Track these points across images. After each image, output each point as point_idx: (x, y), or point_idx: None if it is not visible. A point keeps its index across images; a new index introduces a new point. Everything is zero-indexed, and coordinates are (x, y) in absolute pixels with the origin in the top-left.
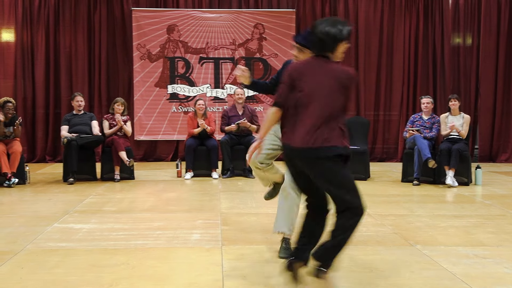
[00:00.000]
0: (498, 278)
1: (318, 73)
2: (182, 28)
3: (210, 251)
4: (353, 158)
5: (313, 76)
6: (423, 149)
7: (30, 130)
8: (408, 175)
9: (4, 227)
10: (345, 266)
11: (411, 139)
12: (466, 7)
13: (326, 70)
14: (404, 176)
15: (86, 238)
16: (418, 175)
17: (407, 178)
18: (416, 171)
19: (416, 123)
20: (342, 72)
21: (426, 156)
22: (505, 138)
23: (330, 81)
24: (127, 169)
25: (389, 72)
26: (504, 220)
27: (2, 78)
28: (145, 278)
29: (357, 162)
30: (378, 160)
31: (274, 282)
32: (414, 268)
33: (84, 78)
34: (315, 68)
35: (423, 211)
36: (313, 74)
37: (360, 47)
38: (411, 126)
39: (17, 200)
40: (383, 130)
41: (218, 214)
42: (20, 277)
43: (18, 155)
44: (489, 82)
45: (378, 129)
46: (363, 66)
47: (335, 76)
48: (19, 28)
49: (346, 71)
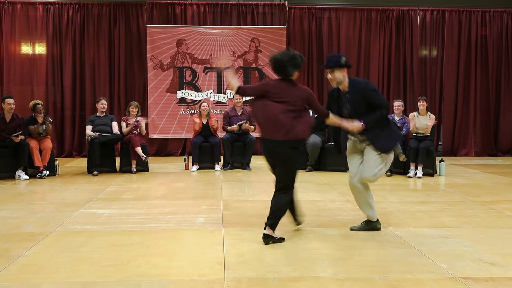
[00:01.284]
0: (458, 255)
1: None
2: (189, 42)
3: (213, 233)
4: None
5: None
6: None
7: (59, 129)
8: None
9: (36, 213)
10: (328, 245)
11: None
12: (432, 23)
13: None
14: None
15: (107, 222)
16: (391, 167)
17: None
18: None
19: None
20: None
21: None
22: (464, 136)
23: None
24: (143, 163)
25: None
26: (464, 206)
27: (36, 85)
28: (157, 255)
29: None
30: None
31: (269, 259)
32: (387, 247)
33: (105, 84)
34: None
35: (394, 198)
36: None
37: None
38: None
39: (48, 189)
40: None
41: (220, 201)
42: (51, 254)
43: (49, 151)
44: (451, 88)
45: None
46: None
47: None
48: (49, 42)
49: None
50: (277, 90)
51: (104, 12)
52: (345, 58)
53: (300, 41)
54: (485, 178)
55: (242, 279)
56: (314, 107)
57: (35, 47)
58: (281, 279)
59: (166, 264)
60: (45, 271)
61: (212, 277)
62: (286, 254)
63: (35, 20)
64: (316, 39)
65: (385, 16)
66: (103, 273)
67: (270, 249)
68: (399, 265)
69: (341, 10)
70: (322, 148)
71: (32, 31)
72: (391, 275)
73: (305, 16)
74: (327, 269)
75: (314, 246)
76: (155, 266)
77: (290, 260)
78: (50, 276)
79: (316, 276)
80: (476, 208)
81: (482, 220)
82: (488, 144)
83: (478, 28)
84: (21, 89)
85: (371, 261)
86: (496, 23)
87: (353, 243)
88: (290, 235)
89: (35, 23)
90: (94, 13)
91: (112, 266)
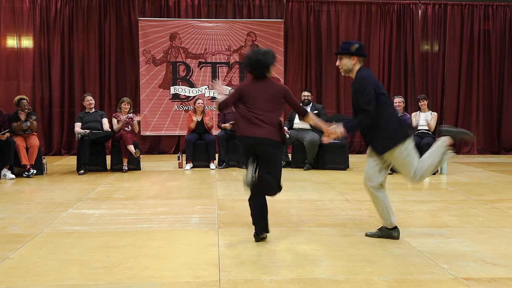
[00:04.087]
0: (460, 255)
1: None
2: (183, 35)
3: (207, 233)
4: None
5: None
6: None
7: (47, 126)
8: None
9: (23, 213)
10: (327, 245)
11: None
12: (434, 17)
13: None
14: None
15: (97, 222)
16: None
17: None
18: None
19: None
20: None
21: None
22: None
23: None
24: (134, 161)
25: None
26: (466, 205)
27: (22, 80)
28: (150, 257)
29: (338, 154)
30: (356, 152)
31: (265, 260)
32: (387, 247)
33: (95, 80)
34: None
35: (395, 197)
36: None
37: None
38: None
39: (35, 189)
40: None
41: (215, 200)
42: (38, 256)
43: (35, 149)
44: (453, 83)
45: None
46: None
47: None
48: (37, 35)
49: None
50: (252, 92)
51: (94, 4)
52: (358, 46)
53: (298, 35)
54: (488, 176)
55: (237, 281)
56: (292, 104)
57: (21, 41)
58: (278, 281)
59: (159, 266)
60: (32, 274)
61: (207, 279)
62: (283, 255)
63: (21, 12)
64: (314, 33)
65: (385, 9)
66: (93, 276)
67: (267, 250)
68: (400, 266)
69: (340, 4)
70: (321, 146)
71: (18, 23)
72: (391, 276)
73: (303, 10)
74: (325, 270)
75: (312, 246)
76: (148, 268)
77: (287, 261)
78: (37, 279)
79: (314, 278)
80: (478, 207)
81: (485, 219)
82: (491, 141)
83: (481, 22)
84: (7, 84)
85: (371, 262)
86: (499, 17)
87: (352, 244)
88: (287, 235)
89: (21, 15)
90: (84, 6)
91: (103, 268)
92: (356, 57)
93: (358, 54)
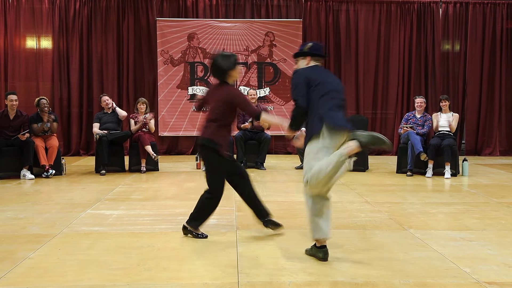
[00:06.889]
0: (482, 259)
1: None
2: (201, 36)
3: (226, 235)
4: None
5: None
6: (415, 144)
7: (65, 127)
8: (402, 167)
9: (42, 213)
10: (346, 248)
11: (405, 135)
12: (455, 17)
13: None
14: (398, 168)
15: (116, 223)
16: (411, 167)
17: (401, 169)
18: (410, 163)
19: (409, 120)
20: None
21: (419, 150)
22: (488, 134)
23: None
24: (152, 162)
25: (385, 75)
26: (488, 207)
27: (41, 80)
28: (168, 258)
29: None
30: (376, 154)
31: (283, 262)
32: (408, 249)
33: (113, 80)
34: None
35: (415, 199)
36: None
37: (360, 53)
38: (405, 123)
39: (54, 189)
40: (380, 127)
41: (233, 202)
42: (57, 257)
43: (55, 149)
44: (475, 84)
45: (375, 126)
46: (362, 70)
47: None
48: (56, 36)
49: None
50: (207, 96)
51: (112, 4)
52: (312, 44)
53: (317, 35)
54: (511, 178)
55: (256, 283)
56: (241, 107)
57: (40, 42)
58: (296, 283)
59: (177, 267)
60: (51, 274)
61: (225, 281)
62: (302, 257)
63: (40, 13)
64: (333, 33)
65: (405, 9)
66: (112, 277)
67: (285, 252)
68: (420, 269)
69: (359, 3)
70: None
71: (37, 24)
72: (412, 279)
73: (322, 9)
74: (344, 273)
75: (331, 248)
76: (166, 270)
77: (306, 263)
78: (56, 280)
79: (333, 281)
80: (501, 210)
81: (508, 222)
82: None
83: (503, 21)
84: (26, 85)
85: (391, 265)
86: None
87: (371, 246)
88: (306, 237)
89: (40, 16)
90: (102, 6)
91: (121, 269)
92: (310, 56)
93: (311, 54)
